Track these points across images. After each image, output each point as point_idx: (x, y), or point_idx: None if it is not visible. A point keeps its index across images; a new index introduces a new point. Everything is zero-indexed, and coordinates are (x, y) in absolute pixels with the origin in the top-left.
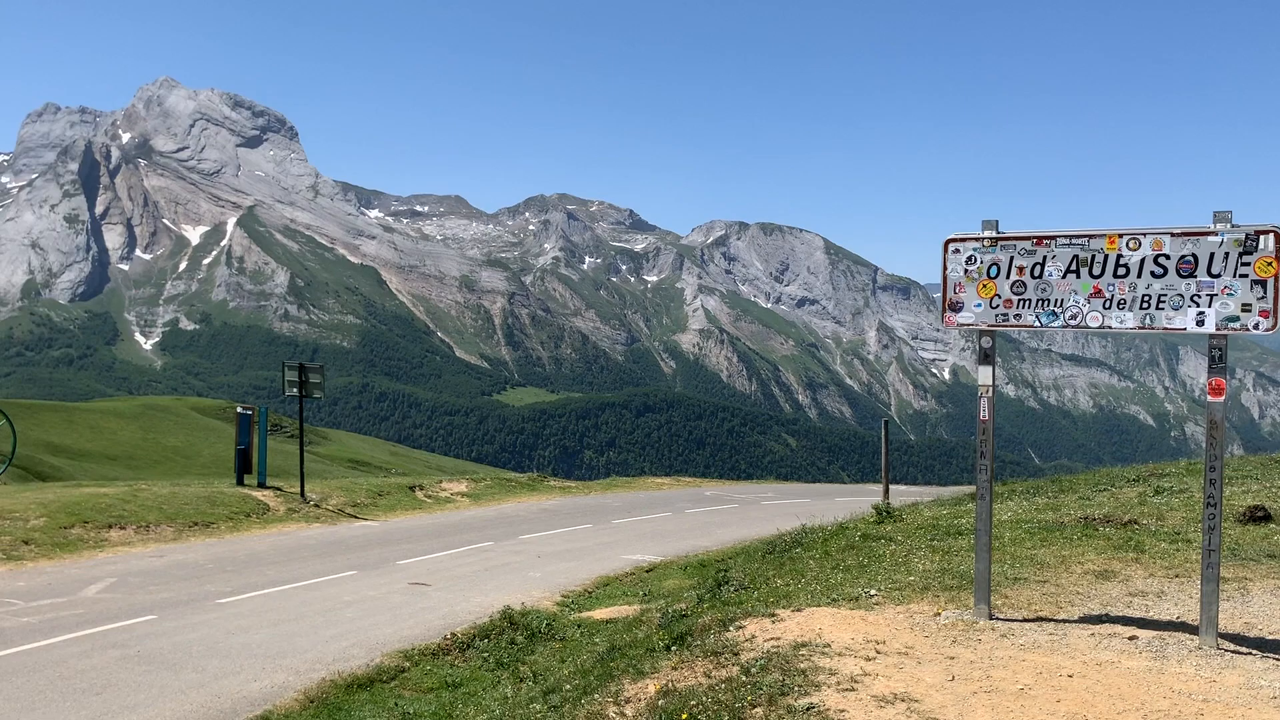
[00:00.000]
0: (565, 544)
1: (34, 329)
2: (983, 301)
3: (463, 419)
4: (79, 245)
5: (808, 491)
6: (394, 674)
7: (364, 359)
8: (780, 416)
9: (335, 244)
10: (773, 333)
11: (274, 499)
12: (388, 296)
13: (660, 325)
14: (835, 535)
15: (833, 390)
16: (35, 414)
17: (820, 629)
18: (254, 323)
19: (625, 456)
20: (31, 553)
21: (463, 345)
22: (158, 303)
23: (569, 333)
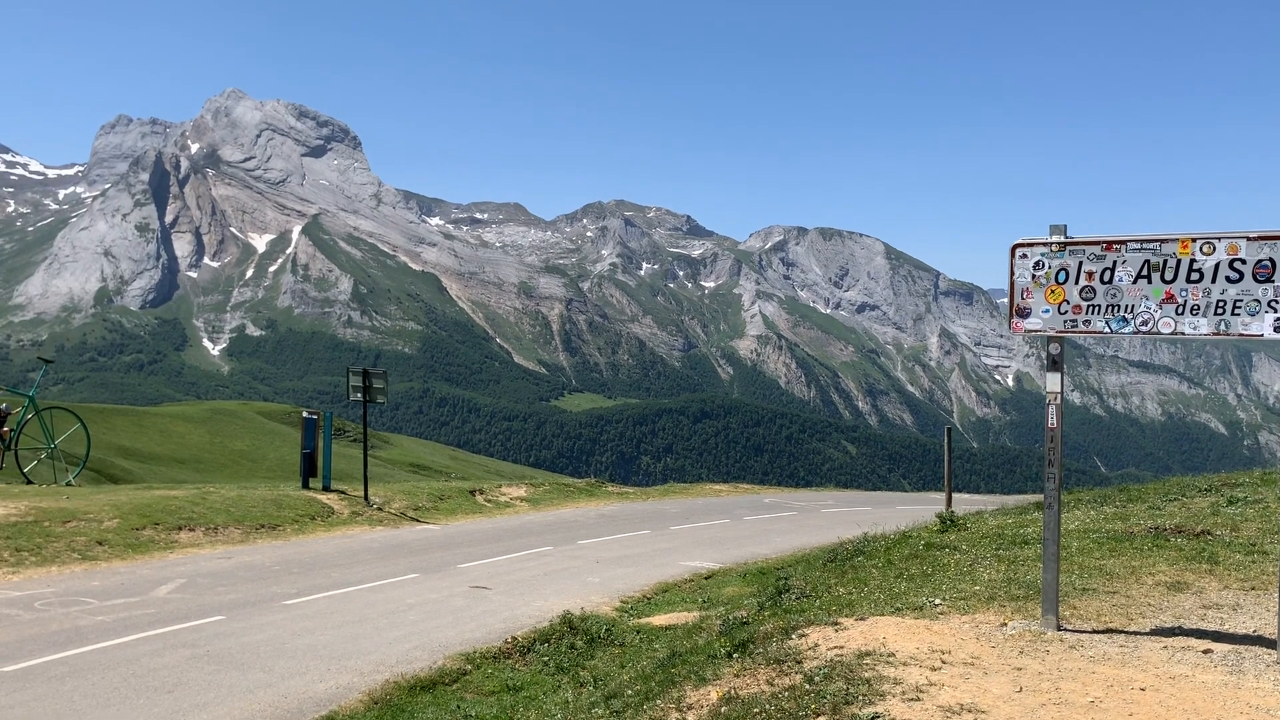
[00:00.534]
0: (623, 549)
1: (106, 335)
2: (1051, 307)
3: (521, 424)
4: (149, 253)
5: (868, 499)
6: (456, 676)
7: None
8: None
9: (397, 251)
10: (832, 338)
11: (338, 502)
12: (448, 303)
13: (718, 331)
14: (898, 544)
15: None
16: (107, 418)
17: (884, 638)
18: (318, 329)
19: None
20: (105, 553)
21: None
22: (225, 309)
23: (626, 339)
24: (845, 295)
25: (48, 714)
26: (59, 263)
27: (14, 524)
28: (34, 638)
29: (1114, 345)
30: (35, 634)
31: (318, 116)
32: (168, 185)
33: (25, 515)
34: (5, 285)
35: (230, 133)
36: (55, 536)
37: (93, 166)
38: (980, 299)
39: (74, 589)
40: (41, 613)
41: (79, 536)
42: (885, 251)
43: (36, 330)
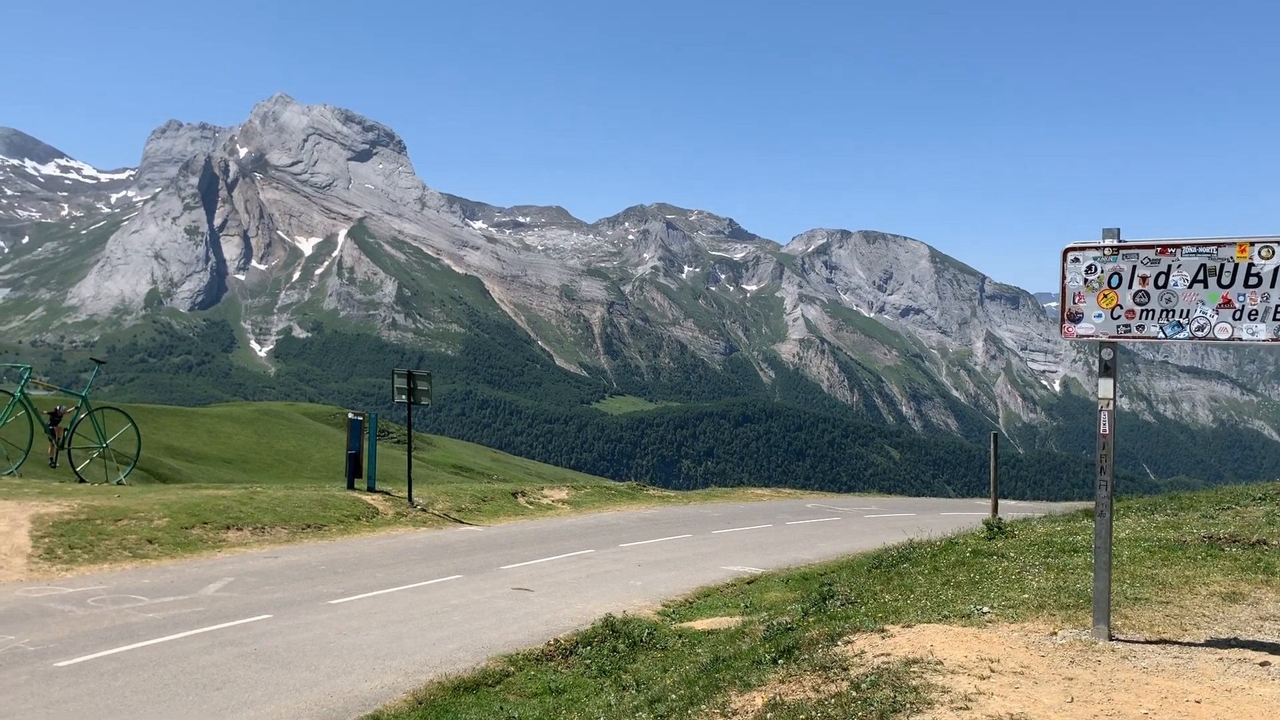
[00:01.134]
0: (665, 553)
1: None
2: (1103, 312)
3: (562, 427)
4: (199, 256)
5: (912, 505)
6: (499, 678)
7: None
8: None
9: (441, 255)
10: (875, 342)
11: (383, 503)
12: (490, 306)
13: (759, 335)
14: (944, 550)
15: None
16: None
17: (932, 646)
18: (363, 331)
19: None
20: (155, 551)
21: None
22: (272, 311)
23: (667, 342)
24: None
25: (101, 709)
26: (111, 265)
27: (67, 522)
28: (87, 634)
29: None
30: (88, 630)
31: (363, 121)
32: (216, 189)
33: (78, 513)
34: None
35: (278, 137)
36: (107, 535)
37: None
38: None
39: (125, 586)
40: (94, 609)
41: (130, 535)
42: (930, 255)
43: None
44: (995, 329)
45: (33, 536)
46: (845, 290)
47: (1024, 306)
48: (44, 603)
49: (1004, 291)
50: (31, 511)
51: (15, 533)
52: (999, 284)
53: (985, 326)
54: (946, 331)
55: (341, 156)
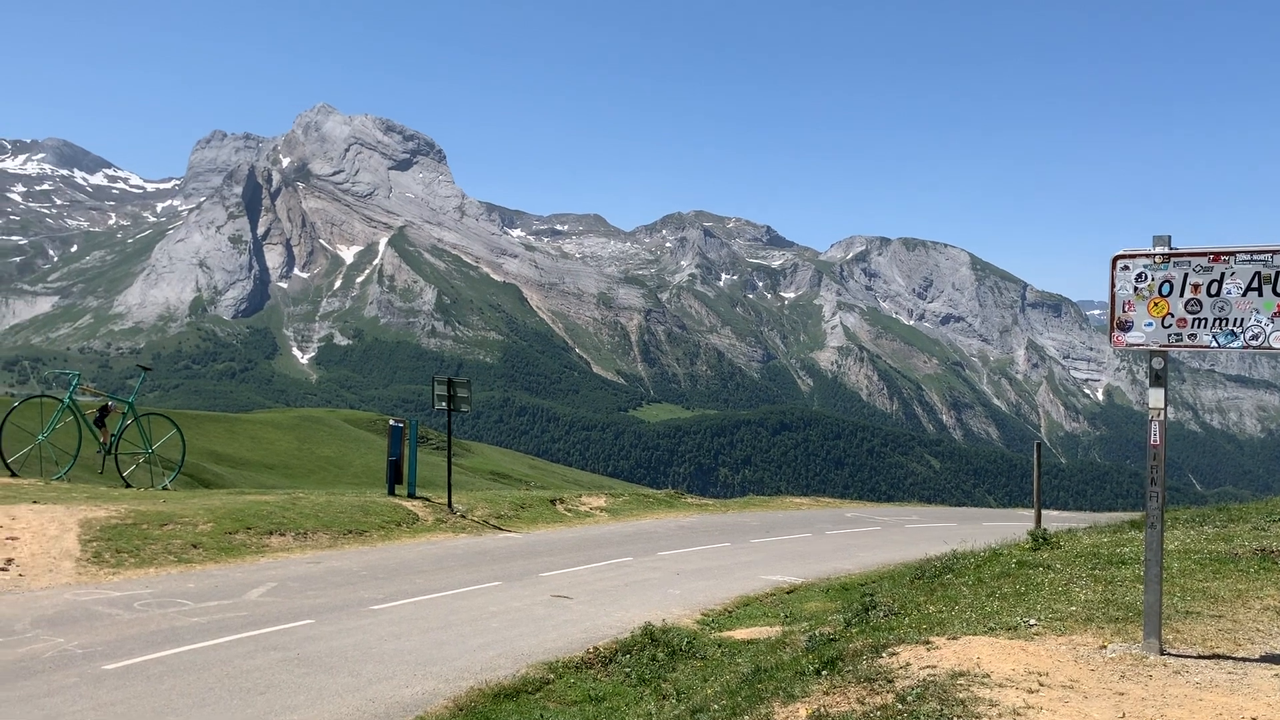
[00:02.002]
0: (703, 562)
1: (200, 343)
2: (1154, 321)
3: (599, 434)
4: (242, 264)
5: (953, 515)
6: (539, 685)
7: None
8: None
9: (479, 263)
10: (915, 350)
11: (423, 509)
12: (528, 313)
13: (797, 342)
14: (989, 561)
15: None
16: (200, 424)
17: (978, 658)
18: (403, 338)
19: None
20: (200, 556)
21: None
22: (314, 319)
23: (705, 349)
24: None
25: (148, 711)
26: (156, 273)
27: (114, 526)
28: (133, 637)
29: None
30: (135, 634)
31: (404, 131)
32: (260, 198)
33: (125, 518)
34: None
35: (320, 147)
36: (153, 539)
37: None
38: (1069, 310)
39: (170, 590)
40: (140, 613)
41: (175, 539)
42: (970, 262)
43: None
44: (1037, 337)
45: (81, 540)
46: (884, 298)
47: (1066, 314)
48: (92, 606)
49: (1046, 299)
50: (80, 516)
51: (64, 536)
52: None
53: (1027, 334)
54: (987, 339)
55: (382, 166)
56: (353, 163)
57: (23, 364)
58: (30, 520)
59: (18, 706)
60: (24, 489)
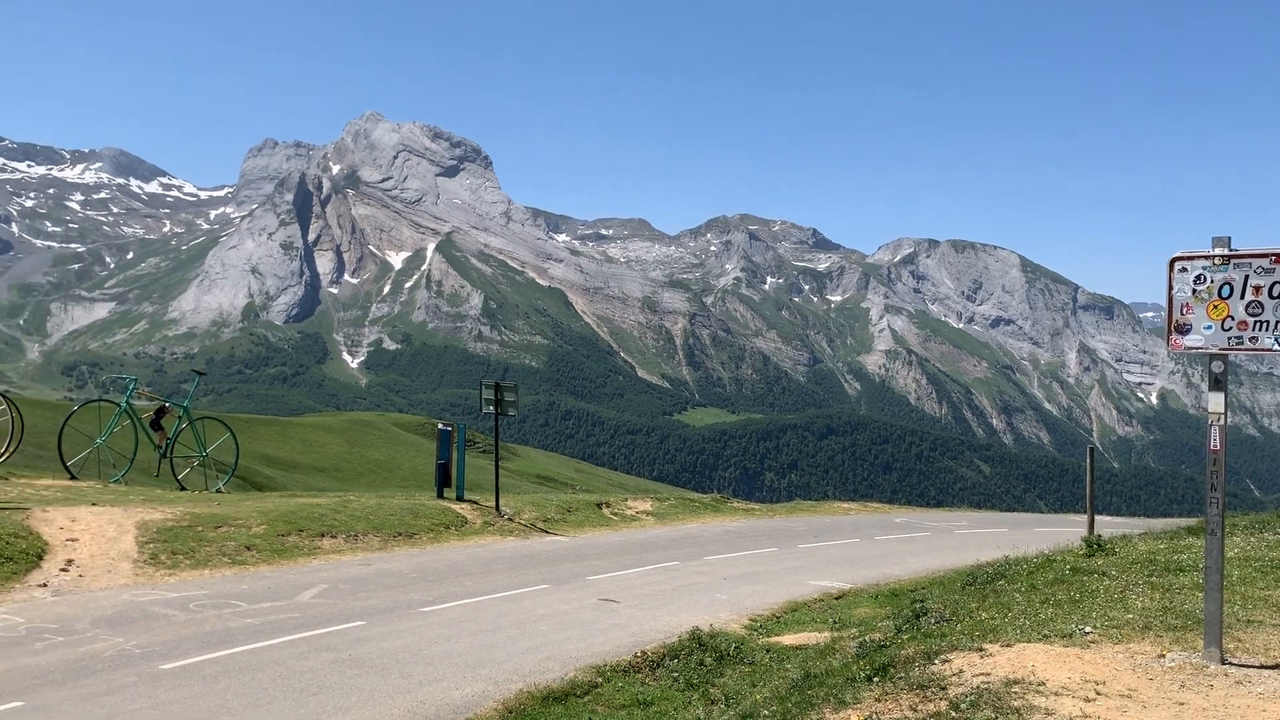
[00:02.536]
0: (751, 566)
1: (253, 348)
2: (1213, 324)
3: (644, 438)
4: (293, 270)
5: (1004, 520)
6: (587, 689)
7: (551, 378)
8: (973, 441)
9: (525, 267)
10: (964, 354)
11: (471, 512)
12: (573, 318)
13: (844, 346)
14: (1042, 568)
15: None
16: (253, 428)
17: (1033, 666)
18: (450, 343)
19: (807, 479)
20: (253, 558)
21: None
22: (363, 324)
23: (750, 353)
24: (978, 309)
25: (204, 711)
26: (210, 279)
27: (170, 528)
28: (189, 637)
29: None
30: (190, 634)
31: (451, 137)
32: (310, 205)
33: (180, 520)
34: (161, 301)
35: (369, 154)
36: (207, 541)
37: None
38: (1121, 313)
39: (224, 591)
40: (195, 614)
41: (229, 541)
42: (1020, 264)
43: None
44: (1089, 340)
45: (138, 542)
46: (933, 300)
47: (1119, 317)
48: (149, 606)
49: (1098, 301)
50: (137, 518)
51: (122, 538)
52: (1092, 294)
53: (1078, 337)
54: (1038, 343)
55: (430, 172)
56: (401, 170)
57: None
58: (89, 522)
59: (79, 705)
60: (83, 491)
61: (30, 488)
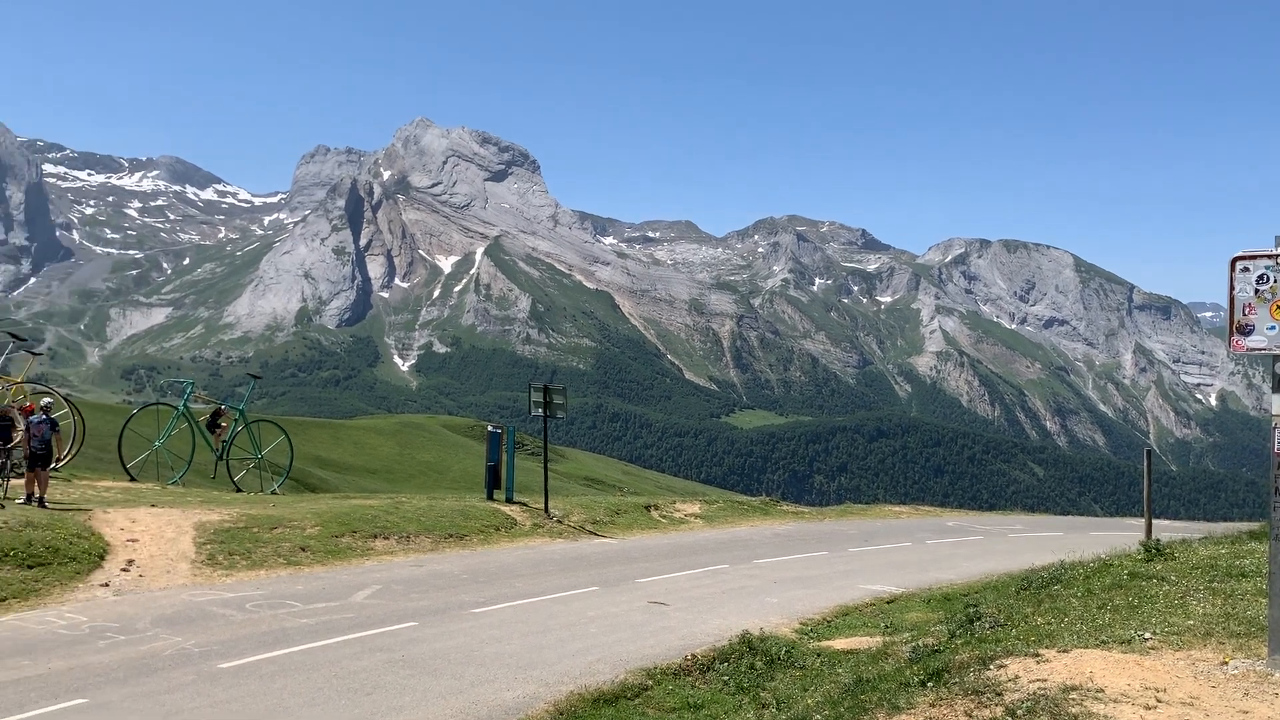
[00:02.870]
0: (801, 570)
1: (306, 352)
2: (1276, 324)
3: (692, 440)
4: (345, 275)
5: (1058, 524)
6: (637, 691)
7: (598, 380)
8: (1026, 444)
9: (573, 270)
10: (1017, 355)
11: (520, 514)
12: (620, 320)
13: (894, 347)
14: (1099, 572)
15: (1084, 417)
16: (306, 430)
17: (1091, 672)
18: (499, 346)
19: (857, 482)
20: (308, 559)
21: (692, 367)
22: (414, 328)
23: (798, 355)
24: (1031, 310)
25: (261, 710)
26: (264, 284)
27: (227, 529)
28: (246, 637)
29: None
30: (247, 634)
31: (499, 142)
32: (362, 211)
33: (237, 521)
34: (217, 306)
35: (419, 160)
36: (263, 542)
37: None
38: (1179, 313)
39: (280, 592)
40: (252, 614)
41: (284, 542)
42: (1074, 264)
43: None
44: (1145, 340)
45: (196, 543)
46: (985, 301)
47: (1176, 317)
48: (207, 606)
49: (1154, 301)
50: (195, 519)
51: (180, 539)
52: (1149, 293)
53: (1134, 338)
54: (1093, 343)
55: (479, 177)
56: (450, 175)
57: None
58: (149, 523)
59: (141, 702)
60: (142, 493)
61: (92, 489)
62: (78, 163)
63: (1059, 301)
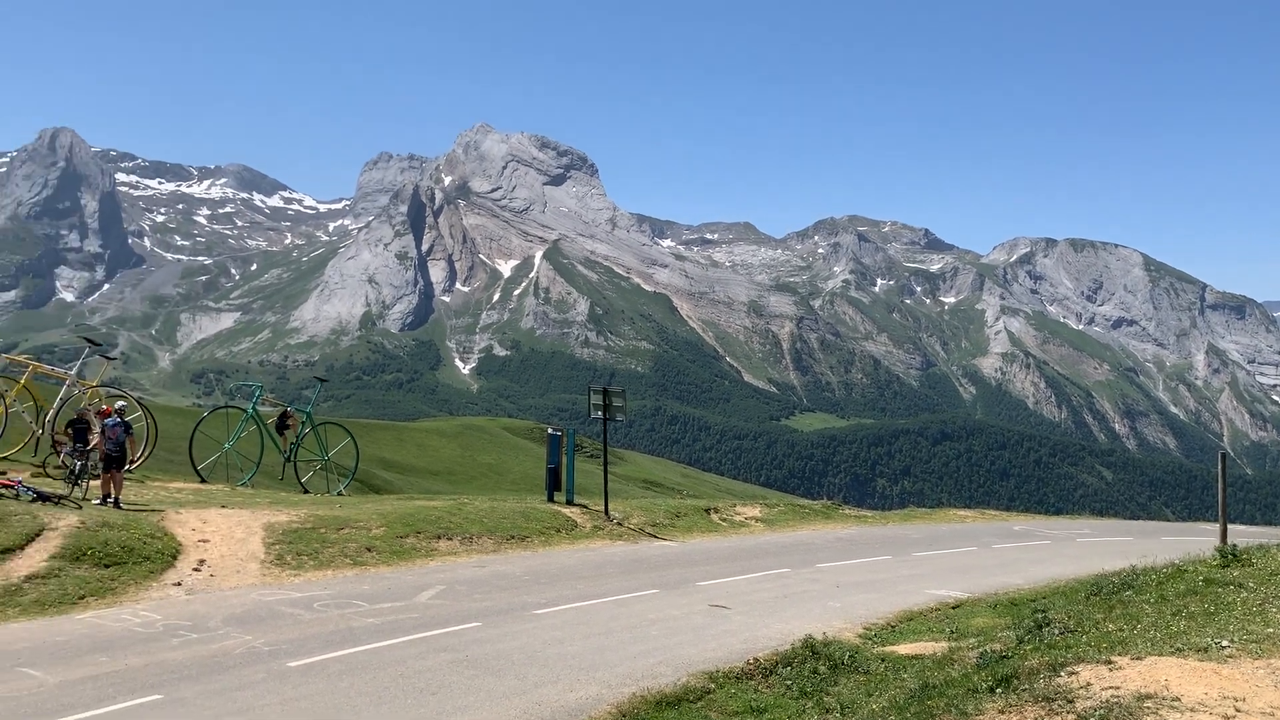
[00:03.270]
0: (864, 575)
1: (370, 355)
2: None
3: (751, 443)
4: (408, 280)
5: (1128, 529)
6: (700, 695)
7: (656, 383)
8: (1094, 447)
9: (631, 273)
10: (1085, 356)
11: (580, 516)
12: (679, 323)
13: (958, 349)
14: (1172, 578)
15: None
16: (371, 433)
17: (1166, 680)
18: (558, 349)
19: (921, 486)
20: (373, 559)
21: (751, 370)
22: (474, 331)
23: (860, 357)
24: (1099, 310)
25: (329, 708)
26: (329, 289)
27: (295, 530)
28: (314, 636)
29: None
30: (315, 633)
31: (558, 147)
32: (424, 216)
33: (305, 522)
34: (283, 311)
35: (479, 165)
36: (330, 542)
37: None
38: (1254, 312)
39: (347, 592)
40: (320, 613)
41: (350, 543)
42: (1144, 263)
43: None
44: (1218, 341)
45: (265, 543)
46: (1051, 301)
47: (1251, 316)
48: (276, 605)
49: (1227, 300)
50: (264, 520)
51: (250, 539)
52: (1221, 292)
53: (1206, 338)
54: (1163, 344)
55: (537, 181)
56: (510, 179)
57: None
58: (219, 524)
59: (213, 699)
60: (213, 494)
61: (164, 490)
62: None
63: (1128, 301)
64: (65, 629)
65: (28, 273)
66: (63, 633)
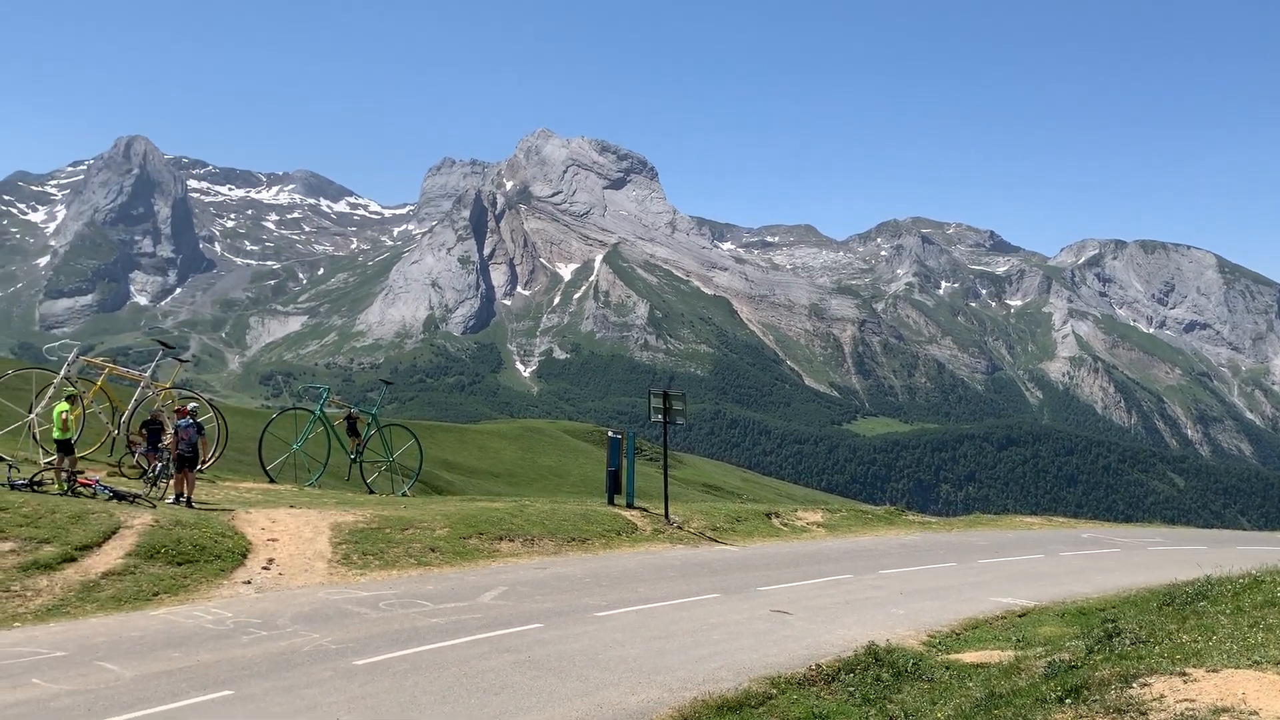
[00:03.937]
0: (928, 581)
1: (433, 358)
2: None
3: (812, 447)
4: (470, 284)
5: (1201, 538)
6: (761, 700)
7: (716, 386)
8: (1165, 453)
9: (690, 276)
10: (1156, 360)
11: (640, 519)
12: (738, 326)
13: (1025, 352)
14: (1249, 589)
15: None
16: (433, 434)
17: (1244, 693)
18: (617, 352)
19: (986, 492)
20: (437, 559)
21: (812, 374)
22: (535, 334)
23: (923, 361)
24: (1170, 313)
25: (394, 706)
26: (393, 293)
27: (361, 530)
28: (380, 635)
29: None
30: (380, 632)
31: (618, 150)
32: (485, 220)
33: (370, 522)
34: (349, 314)
35: (540, 170)
36: (395, 543)
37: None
38: None
39: (411, 592)
40: (385, 612)
41: (414, 543)
42: (1217, 265)
43: (374, 354)
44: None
45: (332, 543)
46: (1120, 304)
47: None
48: (342, 604)
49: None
50: (330, 520)
51: (317, 539)
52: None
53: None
54: (1238, 348)
55: (598, 185)
56: (570, 184)
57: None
58: (288, 523)
59: (282, 696)
60: (281, 494)
61: (234, 490)
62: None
63: (1200, 304)
64: (140, 625)
65: (104, 277)
66: (138, 628)
